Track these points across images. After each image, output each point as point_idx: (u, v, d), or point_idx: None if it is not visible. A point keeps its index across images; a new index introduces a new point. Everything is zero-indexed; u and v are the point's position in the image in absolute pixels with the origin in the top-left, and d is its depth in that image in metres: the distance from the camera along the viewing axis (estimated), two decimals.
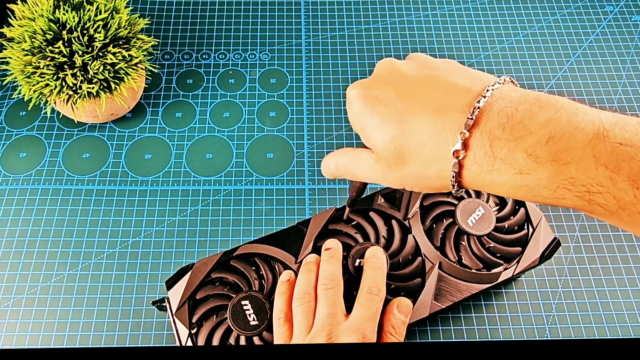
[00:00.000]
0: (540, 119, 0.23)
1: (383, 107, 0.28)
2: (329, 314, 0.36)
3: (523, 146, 0.23)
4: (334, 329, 0.36)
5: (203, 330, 0.39)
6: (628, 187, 0.21)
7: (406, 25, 0.65)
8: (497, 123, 0.24)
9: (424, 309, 0.40)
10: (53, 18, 0.46)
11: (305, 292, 0.38)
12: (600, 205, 0.22)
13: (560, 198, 0.23)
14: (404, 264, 0.42)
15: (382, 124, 0.27)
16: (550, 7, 0.67)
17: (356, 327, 0.36)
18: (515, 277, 0.43)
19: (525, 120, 0.23)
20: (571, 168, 0.22)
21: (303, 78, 0.60)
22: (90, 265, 0.48)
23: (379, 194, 0.45)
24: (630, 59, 0.62)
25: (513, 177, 0.24)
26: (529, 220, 0.44)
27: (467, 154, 0.25)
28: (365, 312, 0.36)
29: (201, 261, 0.42)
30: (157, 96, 0.58)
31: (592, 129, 0.22)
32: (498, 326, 0.46)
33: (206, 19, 0.64)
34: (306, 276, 0.39)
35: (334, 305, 0.37)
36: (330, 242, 0.41)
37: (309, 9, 0.66)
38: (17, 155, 0.54)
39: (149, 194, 0.52)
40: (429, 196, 0.45)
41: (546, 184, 0.23)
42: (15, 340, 0.44)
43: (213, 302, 0.40)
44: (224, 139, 0.56)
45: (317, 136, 0.56)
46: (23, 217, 0.50)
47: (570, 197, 0.22)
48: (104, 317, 0.45)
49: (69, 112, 0.52)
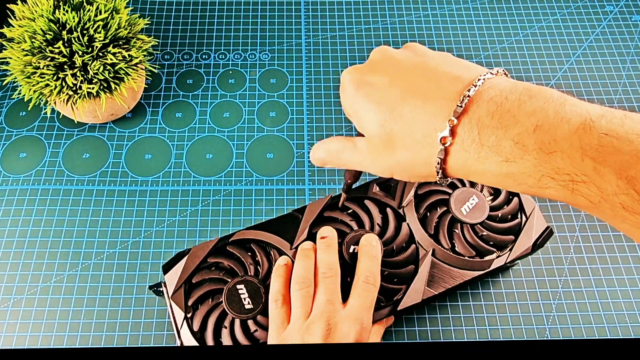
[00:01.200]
0: (528, 109, 0.23)
1: (376, 92, 0.28)
2: (328, 301, 0.37)
3: (510, 134, 0.23)
4: (333, 316, 0.36)
5: (198, 314, 0.40)
6: (611, 178, 0.21)
7: (406, 25, 0.65)
8: (486, 111, 0.24)
9: (417, 295, 0.41)
10: (53, 18, 0.46)
11: (305, 276, 0.39)
12: (583, 195, 0.22)
13: (545, 187, 0.23)
14: (398, 251, 0.43)
15: (373, 109, 0.28)
16: (550, 7, 0.67)
17: (355, 316, 0.36)
18: (508, 265, 0.43)
19: (513, 110, 0.24)
20: (556, 157, 0.22)
21: (303, 78, 0.60)
22: (90, 265, 0.48)
23: (374, 183, 0.46)
24: (630, 58, 0.62)
25: (499, 164, 0.24)
26: (522, 210, 0.44)
27: (454, 141, 0.25)
28: (362, 302, 0.37)
29: (197, 246, 0.42)
30: (157, 96, 0.58)
31: (578, 120, 0.22)
32: (498, 326, 0.46)
33: (206, 19, 0.64)
34: (305, 262, 0.40)
35: (332, 293, 0.38)
36: (326, 230, 0.42)
37: (309, 9, 0.66)
38: (17, 155, 0.54)
39: (149, 194, 0.52)
40: (424, 185, 0.46)
41: (531, 173, 0.23)
42: (15, 341, 0.44)
43: (209, 285, 0.41)
44: (224, 139, 0.56)
45: (317, 136, 0.56)
46: (23, 217, 0.50)
47: (554, 186, 0.23)
48: (104, 317, 0.45)
49: (69, 112, 0.52)
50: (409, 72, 0.28)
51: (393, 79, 0.28)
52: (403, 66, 0.29)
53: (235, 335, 0.39)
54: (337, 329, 0.36)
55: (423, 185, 0.46)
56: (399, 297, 0.41)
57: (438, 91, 0.26)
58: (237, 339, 0.39)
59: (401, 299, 0.40)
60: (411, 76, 0.28)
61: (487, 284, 0.48)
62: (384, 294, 0.41)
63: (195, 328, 0.39)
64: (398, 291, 0.41)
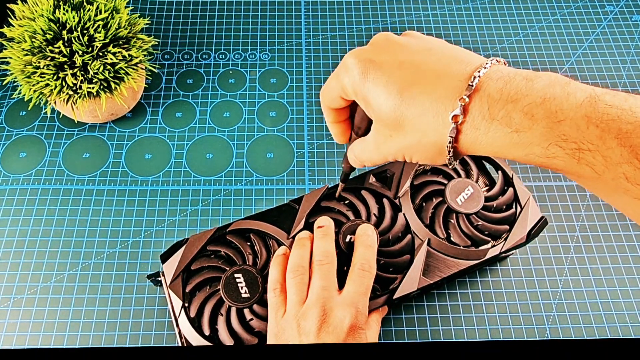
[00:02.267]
0: (535, 86, 0.25)
1: (385, 75, 0.28)
2: (323, 287, 0.37)
3: (519, 106, 0.24)
4: (328, 301, 0.37)
5: (195, 300, 0.40)
6: (616, 146, 0.22)
7: (406, 25, 0.65)
8: (495, 88, 0.25)
9: (412, 283, 0.41)
10: (53, 18, 0.46)
11: (299, 265, 0.39)
12: (588, 164, 0.23)
13: (552, 157, 0.24)
14: (394, 241, 0.43)
15: (384, 92, 0.28)
16: (550, 7, 0.67)
17: (350, 301, 0.37)
18: (503, 254, 0.43)
19: (521, 86, 0.25)
20: (564, 126, 0.23)
21: (303, 78, 0.60)
22: (90, 265, 0.48)
23: (370, 174, 0.46)
24: (630, 59, 0.62)
25: (509, 135, 0.25)
26: (517, 200, 0.45)
27: (465, 119, 0.26)
28: (357, 288, 0.38)
29: (195, 236, 0.43)
30: (157, 96, 0.58)
31: (584, 95, 0.24)
32: (498, 326, 0.46)
33: (206, 19, 0.64)
34: (300, 250, 0.40)
35: (328, 280, 0.38)
36: (323, 219, 0.42)
37: (309, 9, 0.66)
38: (17, 155, 0.54)
39: (149, 194, 0.52)
40: (420, 175, 0.46)
41: (539, 142, 0.24)
42: (15, 340, 0.44)
43: (207, 273, 0.41)
44: (224, 139, 0.56)
45: (317, 136, 0.56)
46: (23, 217, 0.50)
47: (561, 155, 0.24)
48: (104, 317, 0.45)
49: (69, 112, 0.52)
50: (416, 55, 0.29)
51: (402, 62, 0.28)
52: (410, 50, 0.29)
53: (231, 323, 0.40)
54: (333, 314, 0.36)
55: (419, 176, 0.46)
56: (395, 286, 0.41)
57: (447, 73, 0.27)
58: (232, 326, 0.39)
59: (397, 287, 0.41)
60: (419, 59, 0.28)
61: (487, 283, 0.48)
62: (380, 283, 0.42)
63: (192, 314, 0.40)
64: (394, 280, 0.42)
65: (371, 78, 0.28)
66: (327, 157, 0.54)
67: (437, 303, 0.47)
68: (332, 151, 0.55)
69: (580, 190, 0.53)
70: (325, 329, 0.35)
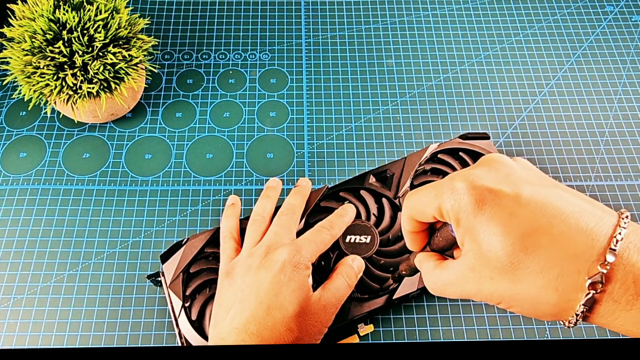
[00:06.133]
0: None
1: (506, 213, 0.24)
2: (275, 232, 0.39)
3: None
4: (275, 243, 0.38)
5: (196, 303, 0.41)
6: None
7: (406, 25, 0.65)
8: (638, 255, 0.22)
9: (412, 284, 0.42)
10: (53, 18, 0.46)
11: (258, 214, 0.42)
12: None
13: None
14: (393, 241, 0.43)
15: (502, 232, 0.23)
16: (550, 7, 0.67)
17: (295, 244, 0.37)
18: None
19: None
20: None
21: (303, 78, 0.60)
22: (90, 265, 0.48)
23: (370, 174, 0.46)
24: (630, 59, 0.62)
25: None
26: None
27: (606, 289, 0.22)
28: (309, 236, 0.39)
29: (194, 236, 0.43)
30: (157, 96, 0.58)
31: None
32: (498, 326, 0.46)
33: (206, 19, 0.64)
34: (262, 201, 0.44)
35: (283, 227, 0.39)
36: (303, 179, 0.45)
37: (309, 9, 0.66)
38: (17, 155, 0.54)
39: (149, 194, 0.52)
40: (420, 175, 0.46)
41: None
42: (15, 340, 0.44)
43: (206, 275, 0.42)
44: (224, 139, 0.56)
45: (317, 136, 0.56)
46: (23, 217, 0.50)
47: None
48: (104, 317, 0.45)
49: (69, 112, 0.52)
50: (541, 193, 0.24)
51: (527, 199, 0.24)
52: (532, 182, 0.25)
53: None
54: (275, 252, 0.37)
55: (419, 176, 0.46)
56: (395, 286, 0.41)
57: (580, 227, 0.23)
58: None
59: (397, 288, 0.41)
60: (545, 200, 0.24)
61: None
62: (380, 283, 0.42)
63: (193, 317, 0.40)
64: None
65: (487, 212, 0.24)
66: (327, 157, 0.54)
67: (437, 303, 0.47)
68: (332, 151, 0.55)
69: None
70: (263, 263, 0.36)
